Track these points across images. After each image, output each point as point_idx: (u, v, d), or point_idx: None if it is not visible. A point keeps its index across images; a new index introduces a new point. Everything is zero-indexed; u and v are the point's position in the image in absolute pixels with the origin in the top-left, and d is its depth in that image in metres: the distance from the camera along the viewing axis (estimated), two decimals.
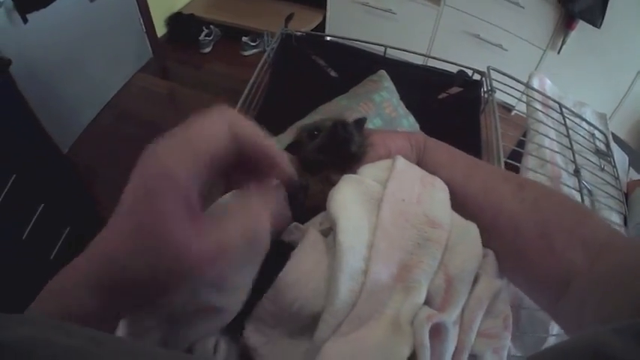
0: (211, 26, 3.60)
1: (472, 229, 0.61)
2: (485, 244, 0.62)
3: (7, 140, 1.62)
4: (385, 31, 3.43)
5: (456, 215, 0.63)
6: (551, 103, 1.50)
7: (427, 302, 0.55)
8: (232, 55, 3.61)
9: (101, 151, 2.76)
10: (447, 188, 0.65)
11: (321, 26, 3.63)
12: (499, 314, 0.57)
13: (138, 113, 3.08)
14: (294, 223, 0.64)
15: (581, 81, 2.87)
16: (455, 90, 1.42)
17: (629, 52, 2.67)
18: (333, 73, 1.44)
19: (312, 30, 3.43)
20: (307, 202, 0.71)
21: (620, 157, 1.65)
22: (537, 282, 0.59)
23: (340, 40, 1.52)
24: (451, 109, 1.37)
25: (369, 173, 0.66)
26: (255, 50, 3.61)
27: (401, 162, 0.66)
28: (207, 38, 3.56)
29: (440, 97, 1.41)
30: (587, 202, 1.27)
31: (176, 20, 3.62)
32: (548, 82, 1.74)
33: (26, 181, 1.67)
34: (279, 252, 0.57)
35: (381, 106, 1.18)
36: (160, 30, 3.56)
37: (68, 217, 2.02)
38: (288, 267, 0.55)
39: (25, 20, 2.20)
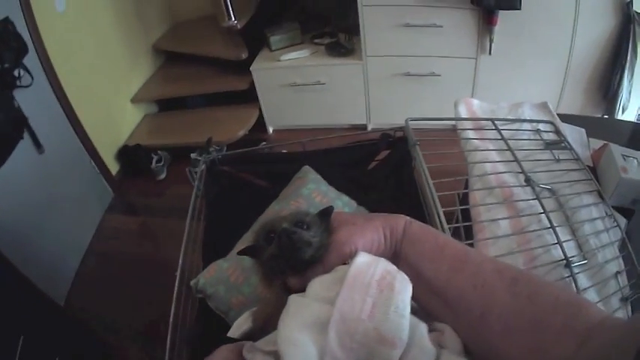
0: (159, 152, 3.63)
1: (420, 326, 0.59)
2: (470, 340, 0.60)
3: (4, 302, 1.65)
4: (321, 104, 3.51)
5: None
6: (482, 123, 1.49)
7: None
8: (187, 174, 3.63)
9: (95, 296, 2.78)
10: (409, 286, 0.60)
11: (261, 119, 3.70)
12: None
13: (117, 253, 3.10)
14: (250, 342, 0.63)
15: (523, 71, 2.95)
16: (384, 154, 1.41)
17: (556, 21, 2.70)
18: (263, 183, 1.46)
19: (254, 125, 3.58)
20: (264, 311, 0.73)
21: (575, 134, 1.64)
22: None
23: (266, 148, 1.55)
24: (383, 175, 1.37)
25: (318, 291, 0.63)
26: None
27: (356, 266, 0.61)
28: (158, 165, 3.58)
29: (370, 167, 1.40)
30: (550, 203, 1.27)
31: (125, 154, 3.64)
32: (474, 102, 1.72)
33: (34, 340, 1.69)
34: None
35: (311, 197, 1.21)
36: (113, 167, 3.58)
37: None
38: None
39: None
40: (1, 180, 2.32)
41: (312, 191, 1.22)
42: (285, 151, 1.65)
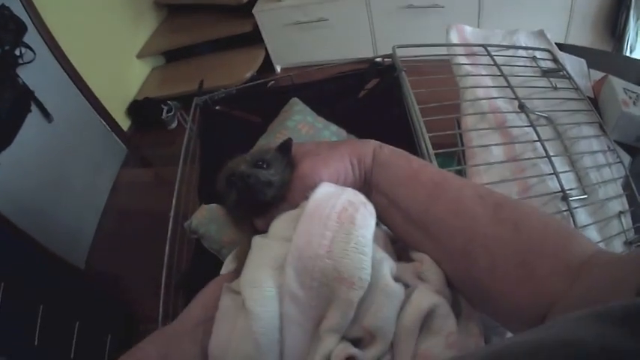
0: (168, 102, 3.64)
1: (384, 265, 0.55)
2: (453, 273, 0.57)
3: (23, 276, 1.73)
4: (327, 39, 3.48)
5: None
6: (475, 49, 1.45)
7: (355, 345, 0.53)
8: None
9: (115, 254, 2.83)
10: (373, 221, 0.56)
11: (268, 59, 3.70)
12: (440, 331, 0.52)
13: (135, 208, 3.15)
14: (226, 284, 0.62)
15: (528, 4, 2.82)
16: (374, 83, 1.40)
17: None
18: (257, 119, 1.46)
19: (261, 66, 3.58)
20: (241, 256, 0.68)
21: (575, 63, 1.55)
22: (514, 313, 0.51)
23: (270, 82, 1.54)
24: (374, 103, 1.36)
25: (279, 230, 0.60)
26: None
27: (315, 198, 0.57)
28: (169, 115, 3.61)
29: (360, 95, 1.39)
30: (547, 132, 1.19)
31: (135, 109, 3.69)
32: (467, 28, 1.60)
33: (54, 306, 1.77)
34: None
35: (296, 128, 1.21)
36: (124, 123, 3.63)
37: (106, 326, 2.15)
38: (211, 341, 0.56)
39: None
40: (13, 155, 2.37)
41: (297, 123, 1.22)
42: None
